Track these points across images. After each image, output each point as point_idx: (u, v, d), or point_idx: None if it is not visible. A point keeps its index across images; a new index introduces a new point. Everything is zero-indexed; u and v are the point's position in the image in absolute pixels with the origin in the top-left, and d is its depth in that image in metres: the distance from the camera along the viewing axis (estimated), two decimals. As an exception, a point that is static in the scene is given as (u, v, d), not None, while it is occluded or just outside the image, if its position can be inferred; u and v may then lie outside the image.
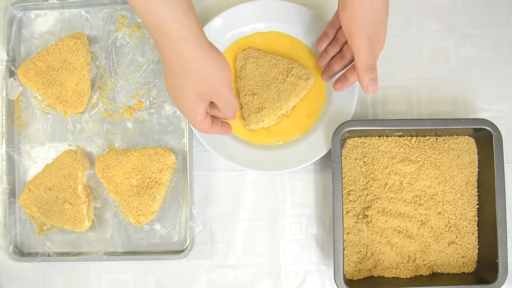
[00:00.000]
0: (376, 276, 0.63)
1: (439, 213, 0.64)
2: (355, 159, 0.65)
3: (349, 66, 0.61)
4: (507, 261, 0.60)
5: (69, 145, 0.68)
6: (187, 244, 0.65)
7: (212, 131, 0.57)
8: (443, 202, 0.64)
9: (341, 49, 0.61)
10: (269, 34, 0.67)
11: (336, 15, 0.60)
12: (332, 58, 0.63)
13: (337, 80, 0.61)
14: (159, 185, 0.64)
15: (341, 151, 0.61)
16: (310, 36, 0.66)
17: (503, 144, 0.61)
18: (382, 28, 0.53)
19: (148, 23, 0.47)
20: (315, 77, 0.66)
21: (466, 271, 0.64)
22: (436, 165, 0.64)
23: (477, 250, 0.64)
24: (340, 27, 0.60)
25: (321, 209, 0.67)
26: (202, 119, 0.54)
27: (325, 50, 0.63)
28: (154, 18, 0.46)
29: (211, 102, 0.54)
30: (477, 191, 0.65)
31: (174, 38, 0.47)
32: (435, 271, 0.64)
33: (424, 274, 0.64)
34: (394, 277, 0.63)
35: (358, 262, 0.63)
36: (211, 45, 0.50)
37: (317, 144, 0.64)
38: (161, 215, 0.67)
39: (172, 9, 0.46)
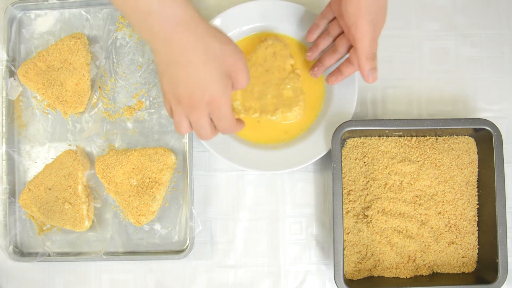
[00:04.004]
0: (376, 276, 0.63)
1: (439, 213, 0.64)
2: (355, 159, 0.65)
3: (343, 59, 0.61)
4: (507, 261, 0.60)
5: (69, 145, 0.68)
6: (187, 244, 0.65)
7: (238, 128, 0.55)
8: (443, 202, 0.64)
9: (332, 42, 0.61)
10: (270, 34, 0.67)
11: (330, 7, 0.59)
12: (322, 52, 0.63)
13: (331, 74, 0.62)
14: (159, 185, 0.64)
15: (341, 151, 0.61)
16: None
17: (503, 144, 0.61)
18: (384, 13, 0.53)
19: (164, 19, 0.44)
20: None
21: (466, 271, 0.64)
22: (436, 165, 0.64)
23: (477, 250, 0.64)
24: (333, 19, 0.59)
25: (321, 209, 0.67)
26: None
27: (316, 43, 0.62)
28: (169, 13, 0.44)
29: None
30: (477, 191, 0.65)
31: (190, 23, 0.45)
32: (435, 271, 0.64)
33: (424, 274, 0.64)
34: (394, 277, 0.63)
35: (358, 262, 0.63)
36: (221, 34, 0.49)
37: (317, 144, 0.64)
38: (161, 215, 0.67)
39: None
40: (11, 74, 0.69)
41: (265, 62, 0.63)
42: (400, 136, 0.65)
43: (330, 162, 0.66)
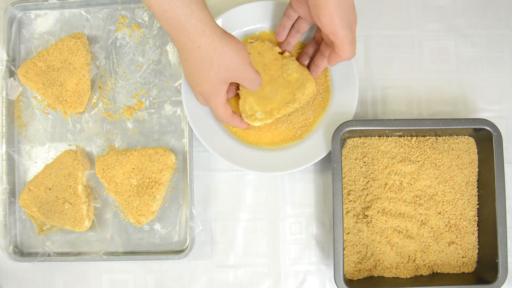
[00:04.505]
0: (376, 276, 0.63)
1: (439, 213, 0.64)
2: (355, 159, 0.65)
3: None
4: (507, 261, 0.60)
5: (69, 145, 0.68)
6: (187, 244, 0.65)
7: (233, 122, 0.61)
8: (443, 202, 0.64)
9: (301, 36, 0.64)
10: (271, 34, 0.67)
11: (292, 8, 0.61)
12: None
13: (310, 70, 0.64)
14: (159, 185, 0.64)
15: (341, 151, 0.61)
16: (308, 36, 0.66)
17: (503, 144, 0.61)
18: (353, 12, 0.55)
19: (166, 20, 0.49)
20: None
21: (466, 271, 0.64)
22: (436, 165, 0.64)
23: (477, 250, 0.64)
24: (298, 18, 0.62)
25: (321, 209, 0.67)
26: (225, 103, 0.58)
27: (287, 41, 0.64)
28: (172, 14, 0.48)
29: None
30: (477, 191, 0.65)
31: (192, 32, 0.50)
32: (435, 271, 0.64)
33: (424, 274, 0.64)
34: (394, 277, 0.63)
35: (358, 262, 0.63)
36: (225, 32, 0.53)
37: (317, 145, 0.64)
38: (161, 215, 0.67)
39: (187, 5, 0.49)
40: (11, 74, 0.69)
41: (257, 65, 0.63)
42: (400, 136, 0.65)
43: (330, 162, 0.66)
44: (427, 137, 0.65)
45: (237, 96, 0.64)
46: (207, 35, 0.50)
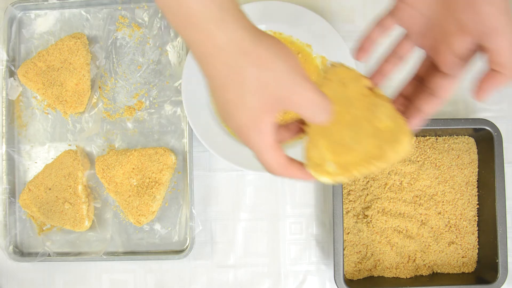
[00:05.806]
0: (376, 276, 0.63)
1: (439, 213, 0.64)
2: (355, 159, 0.65)
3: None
4: (507, 261, 0.60)
5: (69, 145, 0.68)
6: (187, 244, 0.65)
7: (289, 174, 0.40)
8: (443, 202, 0.64)
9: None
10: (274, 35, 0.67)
11: (393, 17, 0.42)
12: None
13: (405, 116, 0.43)
14: (159, 185, 0.64)
15: (341, 151, 0.61)
16: (310, 37, 0.66)
17: (503, 144, 0.61)
18: None
19: (174, 14, 0.35)
20: None
21: (466, 271, 0.64)
22: (436, 165, 0.64)
23: (477, 250, 0.64)
24: (402, 41, 0.43)
25: (321, 209, 0.67)
26: (273, 145, 0.38)
27: (381, 69, 0.44)
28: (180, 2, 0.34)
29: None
30: (477, 191, 0.65)
31: (209, 23, 0.34)
32: (435, 271, 0.64)
33: (424, 274, 0.64)
34: (394, 277, 0.63)
35: (358, 262, 0.63)
36: (259, 29, 0.36)
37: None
38: (161, 215, 0.67)
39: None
40: (11, 74, 0.69)
41: (338, 99, 0.42)
42: (400, 136, 0.65)
43: (330, 162, 0.66)
44: (427, 137, 0.65)
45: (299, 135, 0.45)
46: (231, 29, 0.33)
